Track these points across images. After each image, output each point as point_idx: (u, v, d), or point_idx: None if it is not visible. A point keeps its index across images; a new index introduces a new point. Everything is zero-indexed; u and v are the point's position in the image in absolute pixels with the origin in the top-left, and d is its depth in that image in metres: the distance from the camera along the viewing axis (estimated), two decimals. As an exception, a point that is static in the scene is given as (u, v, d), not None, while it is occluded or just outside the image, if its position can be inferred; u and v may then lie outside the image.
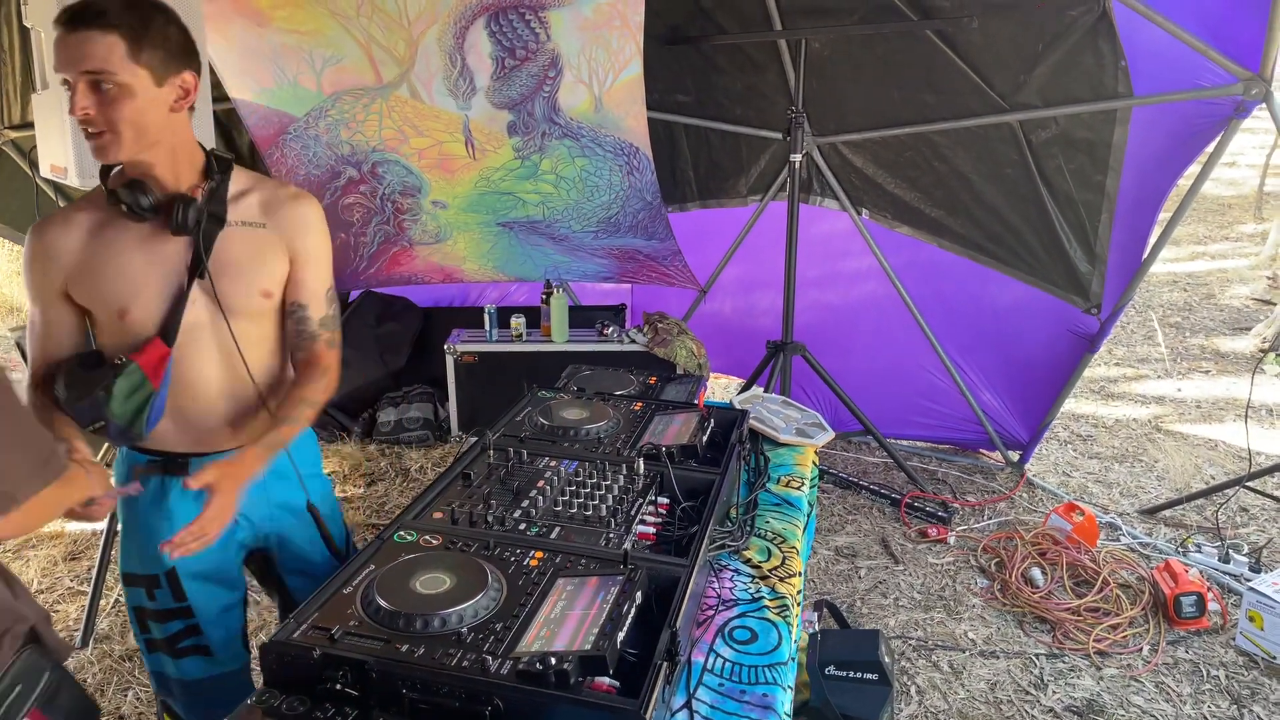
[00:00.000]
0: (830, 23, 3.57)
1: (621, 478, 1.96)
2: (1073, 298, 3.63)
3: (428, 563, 1.57)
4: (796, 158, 3.54)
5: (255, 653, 1.69)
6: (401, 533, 1.70)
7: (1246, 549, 3.53)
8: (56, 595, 3.24)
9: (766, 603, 1.78)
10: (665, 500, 1.92)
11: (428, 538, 1.69)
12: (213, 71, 3.34)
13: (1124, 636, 3.04)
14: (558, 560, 1.62)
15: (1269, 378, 5.71)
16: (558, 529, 1.75)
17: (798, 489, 2.29)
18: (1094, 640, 2.99)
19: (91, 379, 1.63)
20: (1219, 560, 3.45)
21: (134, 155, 1.64)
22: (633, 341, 4.46)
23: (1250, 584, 3.00)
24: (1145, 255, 3.35)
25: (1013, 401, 4.13)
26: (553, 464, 2.04)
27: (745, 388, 4.17)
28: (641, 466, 2.00)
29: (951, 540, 3.64)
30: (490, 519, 1.77)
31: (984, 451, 4.47)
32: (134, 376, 1.64)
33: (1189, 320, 6.97)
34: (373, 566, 1.57)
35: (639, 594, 1.51)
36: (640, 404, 2.42)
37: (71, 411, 1.64)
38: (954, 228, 3.86)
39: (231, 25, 3.41)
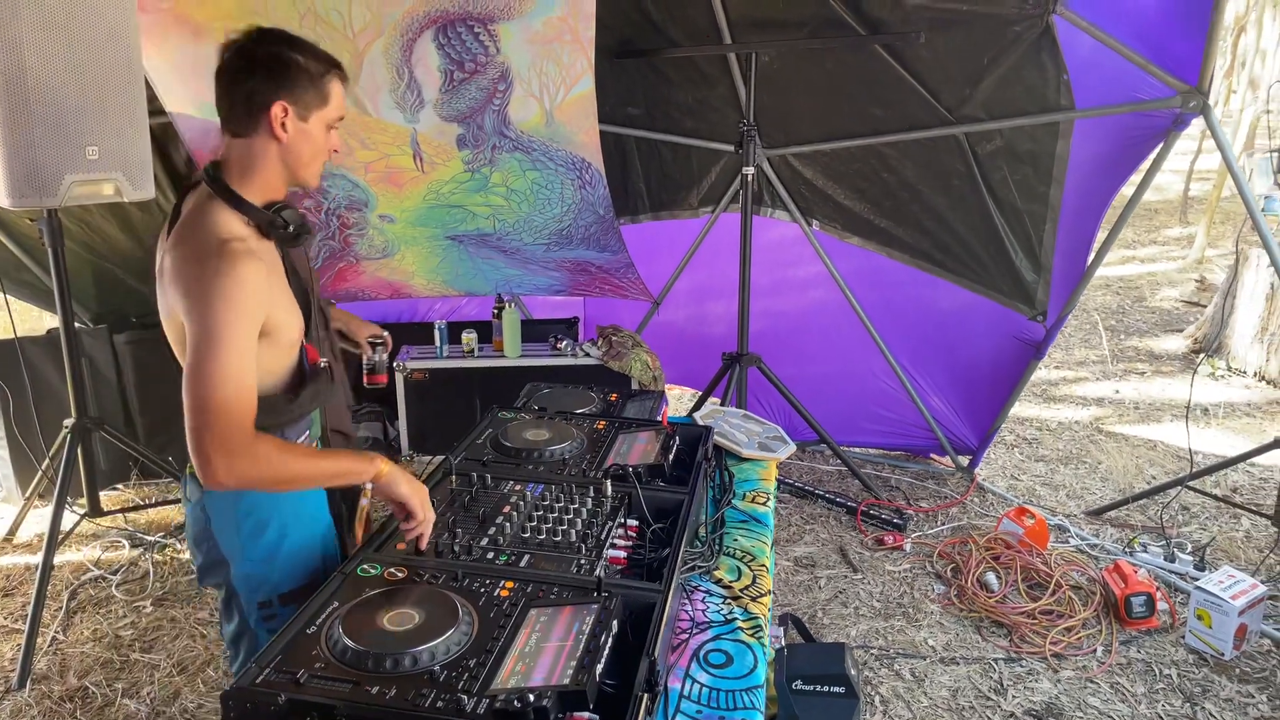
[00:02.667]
0: (780, 37, 3.59)
1: (590, 500, 1.93)
2: (1019, 305, 3.71)
3: (395, 597, 1.52)
4: (749, 170, 3.56)
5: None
6: (365, 566, 1.65)
7: (1190, 548, 3.63)
8: (-13, 634, 3.09)
9: (740, 624, 1.77)
10: (634, 522, 1.90)
11: (392, 570, 1.64)
12: (148, 85, 3.23)
13: (1078, 639, 3.09)
14: (529, 590, 1.58)
15: (1201, 378, 5.90)
16: (527, 556, 1.71)
17: (763, 504, 2.29)
18: (1050, 643, 3.04)
19: (330, 389, 1.77)
20: (1165, 560, 3.54)
21: None
22: (586, 355, 4.42)
23: (1197, 583, 3.08)
24: (1089, 263, 3.43)
25: (962, 407, 4.20)
26: (518, 488, 1.99)
27: (701, 400, 4.17)
28: (609, 488, 1.97)
29: (908, 547, 3.68)
30: (457, 548, 1.72)
31: (935, 457, 4.53)
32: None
33: (1122, 323, 7.19)
34: (337, 604, 1.51)
35: (615, 622, 1.48)
36: (603, 423, 2.39)
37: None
38: (903, 238, 3.92)
39: (168, 38, 3.30)
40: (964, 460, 4.35)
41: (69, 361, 3.19)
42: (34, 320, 7.62)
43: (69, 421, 3.24)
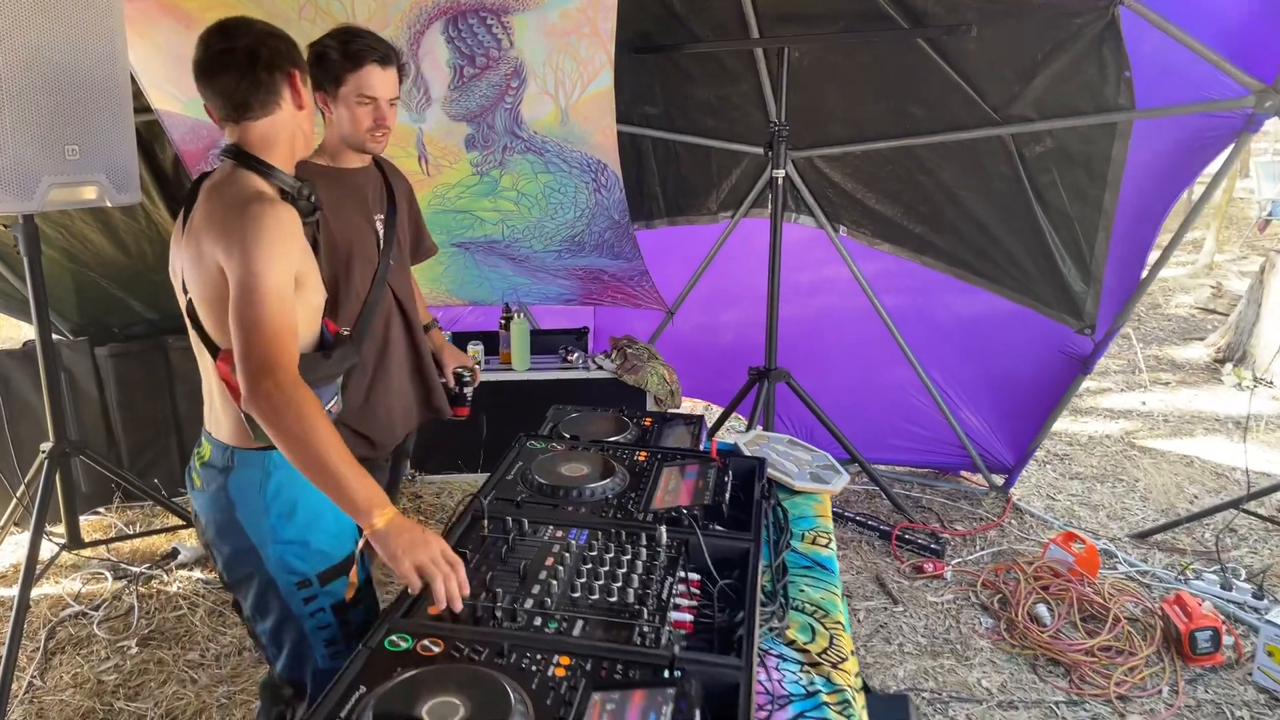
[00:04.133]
0: (812, 30, 3.37)
1: (643, 550, 1.69)
2: (1065, 317, 3.49)
3: (432, 681, 1.28)
4: (780, 173, 3.33)
5: None
6: (393, 637, 1.40)
7: (1244, 574, 3.43)
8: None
9: (825, 698, 1.53)
10: (694, 575, 1.66)
11: (426, 644, 1.40)
12: (134, 81, 2.97)
13: (1142, 678, 2.88)
14: (589, 667, 1.35)
15: (1228, 388, 5.72)
16: (580, 622, 1.47)
17: (825, 547, 2.05)
18: (1114, 684, 2.82)
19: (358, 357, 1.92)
20: (1221, 588, 3.34)
21: None
22: (599, 368, 4.18)
23: (1268, 617, 2.87)
24: (1144, 274, 3.22)
25: (998, 423, 3.99)
26: (559, 534, 1.76)
27: (723, 418, 3.94)
28: (664, 535, 1.73)
29: (948, 575, 3.45)
30: (499, 613, 1.48)
31: (965, 475, 4.32)
32: None
33: (1139, 331, 7.01)
34: (364, 688, 1.27)
35: (696, 712, 1.24)
36: (644, 454, 2.15)
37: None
38: (938, 244, 3.70)
39: (156, 29, 3.04)
40: (998, 479, 4.14)
41: (46, 380, 2.93)
42: (9, 329, 7.31)
43: (47, 446, 2.97)
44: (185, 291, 1.60)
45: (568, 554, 1.68)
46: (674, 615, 1.52)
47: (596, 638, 1.44)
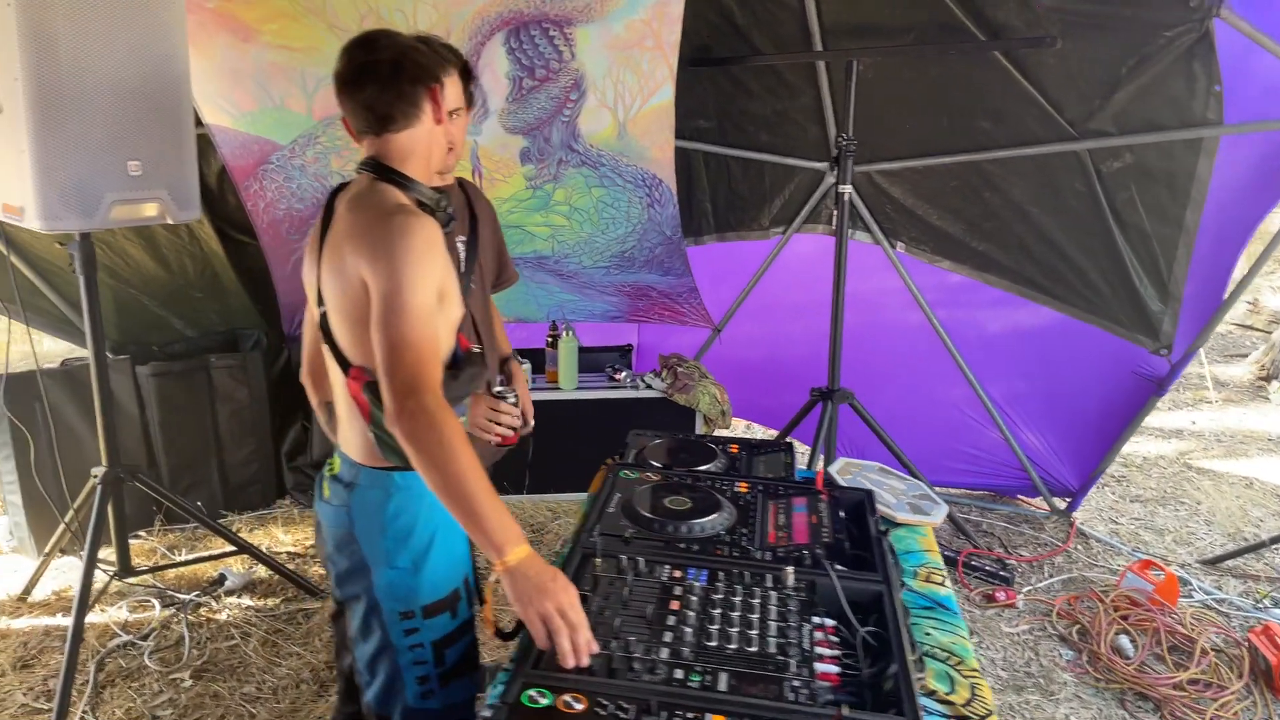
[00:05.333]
0: (880, 42, 3.28)
1: (772, 594, 1.59)
2: (1139, 338, 3.39)
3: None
4: (846, 189, 3.23)
5: None
6: (531, 693, 1.30)
7: (1326, 602, 3.32)
8: (8, 716, 2.70)
9: (980, 757, 1.43)
10: (829, 621, 1.56)
11: (567, 699, 1.29)
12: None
13: (1235, 714, 2.76)
14: (745, 727, 1.24)
15: (1277, 406, 5.62)
16: (724, 675, 1.37)
17: (940, 584, 1.95)
18: (1209, 720, 2.71)
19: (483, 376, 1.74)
20: (1304, 617, 3.23)
21: None
22: (649, 387, 4.09)
23: (1368, 651, 2.76)
24: (1227, 294, 3.13)
25: (1061, 445, 3.88)
26: (676, 574, 1.66)
27: (782, 436, 3.83)
28: (791, 577, 1.63)
29: (1020, 604, 3.34)
30: (636, 665, 1.37)
31: (1023, 498, 4.21)
32: None
33: (1177, 347, 6.89)
34: (512, 756, 1.17)
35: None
36: (745, 485, 2.05)
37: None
38: (1004, 262, 3.60)
39: (212, 42, 2.97)
40: (1060, 502, 4.03)
41: (100, 403, 2.83)
42: (22, 342, 7.21)
43: (99, 470, 2.87)
44: (320, 304, 1.56)
45: (693, 596, 1.58)
46: (820, 667, 1.42)
47: (746, 693, 1.34)
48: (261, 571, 3.49)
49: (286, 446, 4.19)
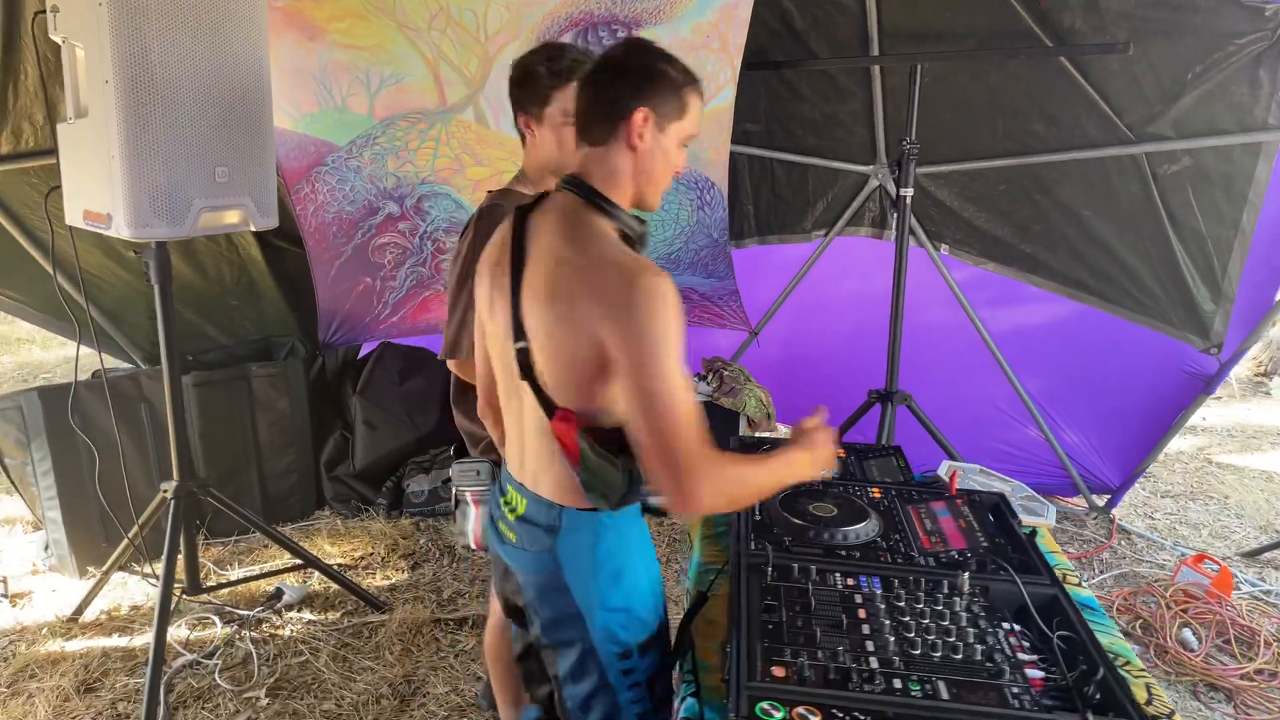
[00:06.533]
0: (940, 47, 3.32)
1: (956, 600, 1.59)
2: (1189, 337, 3.46)
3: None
4: (908, 192, 3.25)
5: None
6: (764, 705, 1.29)
7: (1369, 592, 3.43)
8: (77, 742, 2.61)
9: (1182, 760, 1.44)
10: (1016, 627, 1.56)
11: (801, 711, 1.28)
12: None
13: (1306, 703, 2.84)
14: (987, 736, 1.24)
15: (1276, 402, 5.79)
16: (941, 683, 1.37)
17: (1077, 585, 1.97)
18: (1286, 710, 2.78)
19: None
20: (1352, 606, 3.32)
21: None
22: (695, 391, 4.07)
23: None
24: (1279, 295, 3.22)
25: (1104, 443, 3.95)
26: (849, 582, 1.65)
27: (840, 434, 3.84)
28: (967, 583, 1.63)
29: (1080, 599, 3.39)
30: (855, 675, 1.37)
31: (1059, 496, 4.27)
32: None
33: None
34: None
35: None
36: (878, 490, 2.05)
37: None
38: (1052, 265, 3.66)
39: (279, 40, 2.90)
40: (1099, 500, 4.10)
41: (173, 417, 2.74)
42: (17, 353, 7.00)
43: (169, 485, 2.78)
44: (518, 339, 1.45)
45: (880, 605, 1.57)
46: (1029, 673, 1.43)
47: (970, 701, 1.34)
48: (317, 585, 3.42)
49: (325, 456, 4.11)
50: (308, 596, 3.34)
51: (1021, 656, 1.47)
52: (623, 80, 1.45)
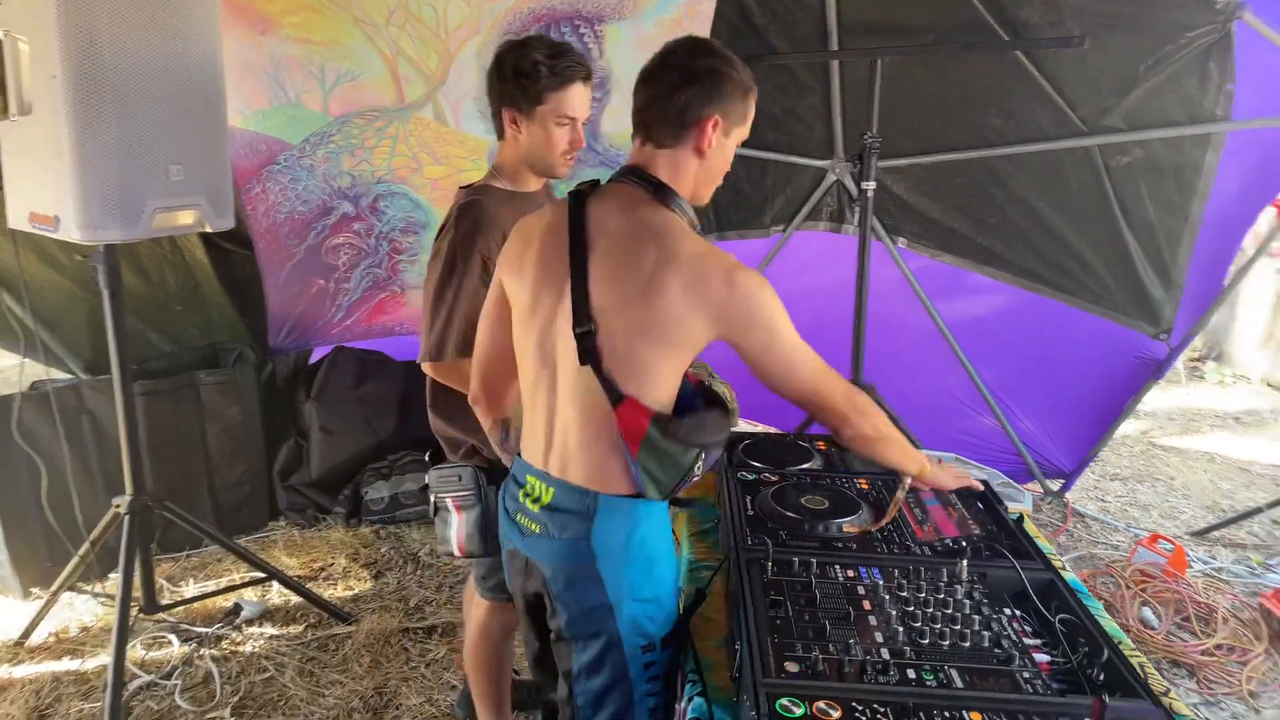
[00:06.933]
0: (899, 41, 3.35)
1: (957, 587, 1.60)
2: (1140, 324, 3.56)
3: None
4: (870, 186, 3.26)
5: None
6: (784, 702, 1.27)
7: (1312, 565, 3.57)
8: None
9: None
10: (1017, 612, 1.57)
11: (821, 706, 1.27)
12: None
13: (1264, 674, 2.93)
14: (1004, 721, 1.25)
15: (1212, 385, 6.01)
16: (953, 670, 1.37)
17: (1061, 568, 1.99)
18: (1246, 681, 2.87)
19: None
20: (1297, 580, 3.45)
21: None
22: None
23: (1376, 608, 2.97)
24: (1227, 280, 3.32)
25: (1058, 430, 4.04)
26: (850, 574, 1.64)
27: (803, 428, 3.85)
28: (965, 570, 1.64)
29: (1043, 583, 3.46)
30: (869, 668, 1.36)
31: (1015, 482, 4.36)
32: None
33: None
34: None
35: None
36: (865, 481, 2.05)
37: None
38: (1007, 256, 3.72)
39: (229, 34, 2.79)
40: (1053, 485, 4.19)
41: (125, 427, 2.62)
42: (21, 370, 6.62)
43: (122, 500, 2.66)
44: (583, 323, 1.44)
45: (884, 595, 1.57)
46: (1037, 657, 1.44)
47: (984, 687, 1.34)
48: (276, 598, 3.31)
49: (279, 465, 3.98)
50: (268, 611, 3.23)
51: (1027, 641, 1.48)
52: (694, 86, 1.47)
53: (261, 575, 3.15)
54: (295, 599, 3.27)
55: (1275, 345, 5.91)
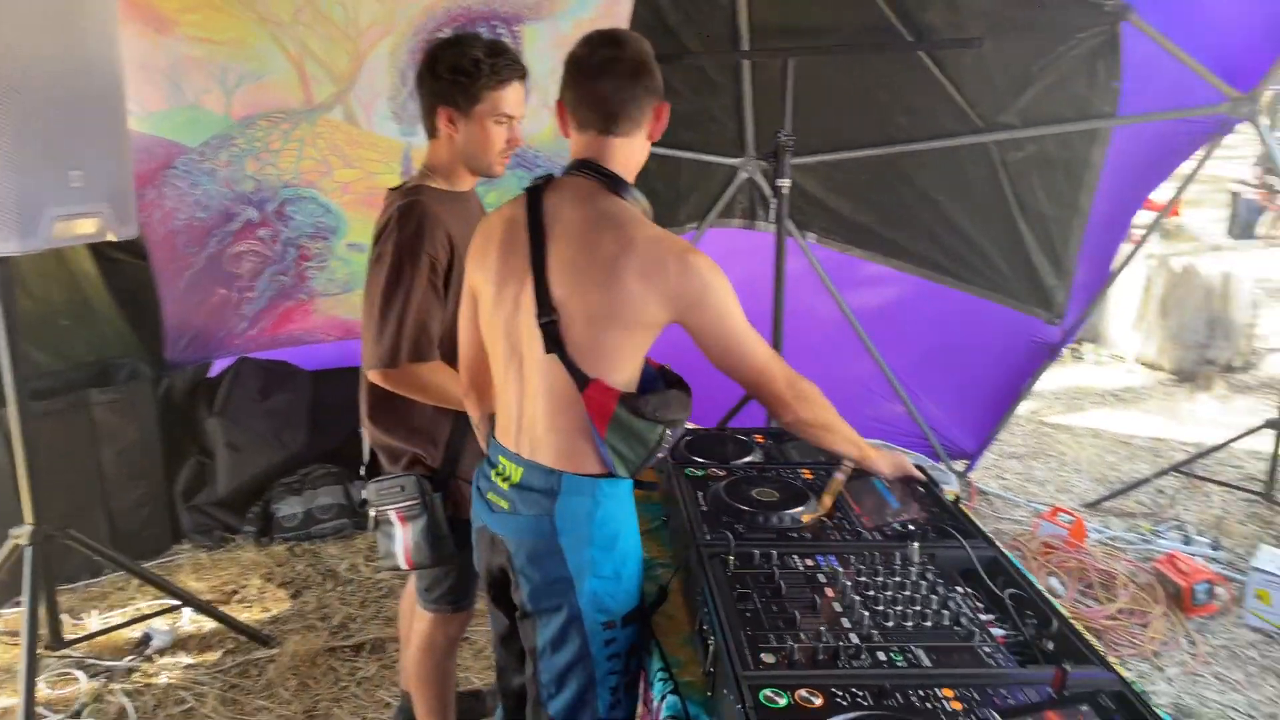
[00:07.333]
0: (809, 41, 3.43)
1: (912, 570, 1.65)
2: (1035, 310, 3.76)
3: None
4: (785, 184, 3.33)
5: None
6: (767, 692, 1.29)
7: (1193, 530, 3.84)
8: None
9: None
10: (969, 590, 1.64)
11: (803, 694, 1.30)
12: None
13: (1163, 635, 3.15)
14: (978, 698, 1.31)
15: (1090, 365, 6.40)
16: (919, 650, 1.42)
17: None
18: (1148, 642, 3.07)
19: None
20: (1183, 543, 3.72)
21: None
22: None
23: (1255, 564, 3.23)
24: (1114, 267, 3.54)
25: (961, 412, 4.22)
26: (809, 563, 1.68)
27: (724, 424, 3.91)
28: (917, 553, 1.70)
29: (958, 561, 3.62)
30: (842, 654, 1.39)
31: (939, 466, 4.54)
32: None
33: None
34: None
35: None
36: (808, 471, 2.10)
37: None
38: (912, 249, 3.87)
39: (123, 32, 2.61)
40: (958, 465, 4.38)
41: (24, 453, 2.44)
42: None
43: (21, 531, 2.47)
44: (547, 313, 1.49)
45: (846, 582, 1.61)
46: (994, 631, 1.50)
47: (951, 664, 1.39)
48: (189, 625, 3.14)
49: (181, 485, 3.78)
50: (180, 639, 3.07)
51: (982, 617, 1.55)
52: (650, 74, 1.55)
53: (174, 602, 2.98)
54: (209, 625, 3.12)
55: (1145, 326, 6.34)
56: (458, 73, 1.89)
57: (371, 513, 2.09)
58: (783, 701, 1.29)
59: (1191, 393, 5.79)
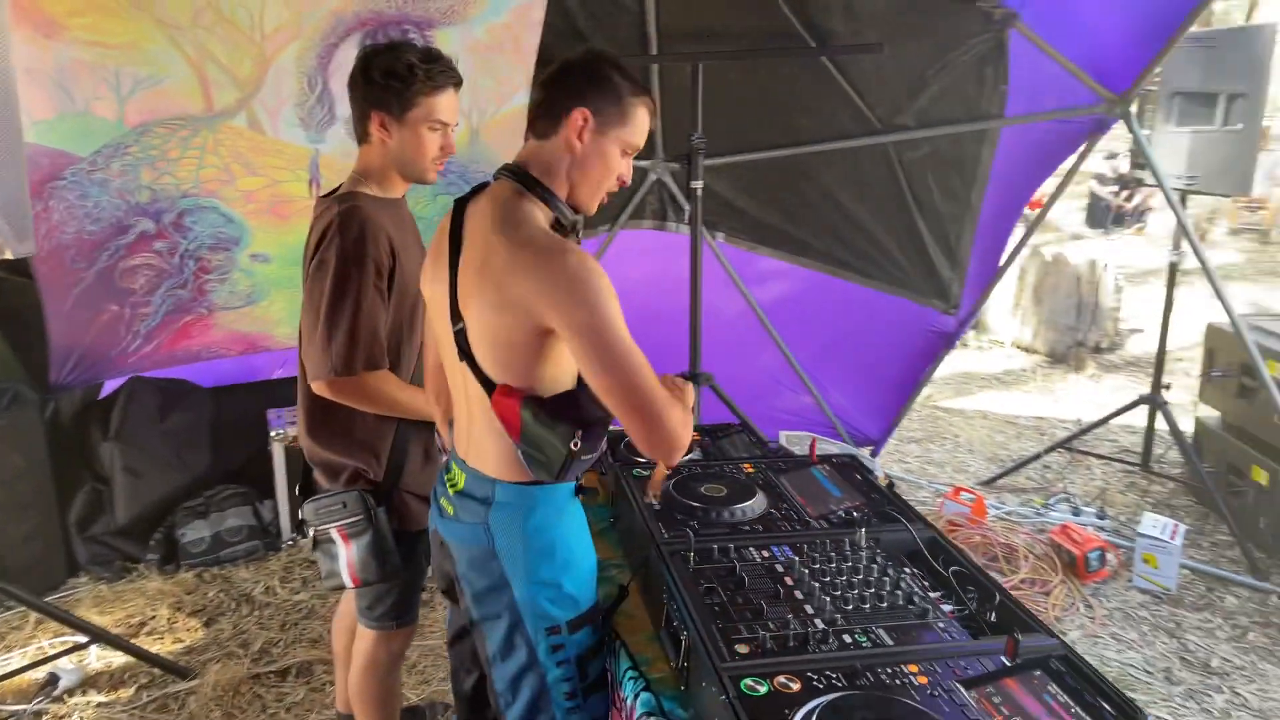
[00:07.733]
0: (716, 46, 3.51)
1: (862, 555, 1.74)
2: (932, 301, 3.96)
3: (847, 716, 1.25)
4: (698, 185, 3.41)
5: None
6: (749, 681, 1.34)
7: (1079, 501, 4.13)
8: None
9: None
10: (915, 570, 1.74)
11: (782, 680, 1.35)
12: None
13: (1062, 601, 3.37)
14: (939, 669, 1.39)
15: (973, 350, 6.76)
16: (881, 630, 1.50)
17: (925, 527, 2.21)
18: (1051, 609, 3.29)
19: None
20: (1072, 514, 3.99)
21: None
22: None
23: (1141, 530, 3.49)
24: (1003, 260, 3.76)
25: (865, 400, 4.40)
26: (764, 554, 1.75)
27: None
28: (864, 538, 1.78)
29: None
30: (811, 639, 1.46)
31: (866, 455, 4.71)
32: None
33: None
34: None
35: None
36: (750, 465, 2.17)
37: None
38: (817, 246, 4.01)
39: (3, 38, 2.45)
40: (864, 451, 4.57)
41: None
42: None
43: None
44: (456, 321, 1.52)
45: (804, 570, 1.67)
46: (944, 607, 1.60)
47: (911, 642, 1.47)
48: (96, 662, 2.97)
49: (75, 515, 3.56)
50: (89, 677, 2.89)
51: (932, 595, 1.64)
52: (569, 80, 1.52)
53: (80, 639, 2.81)
54: (119, 660, 2.96)
55: (1021, 313, 6.74)
56: (392, 77, 1.86)
57: (310, 532, 2.03)
58: (763, 689, 1.33)
59: (1066, 373, 6.20)
